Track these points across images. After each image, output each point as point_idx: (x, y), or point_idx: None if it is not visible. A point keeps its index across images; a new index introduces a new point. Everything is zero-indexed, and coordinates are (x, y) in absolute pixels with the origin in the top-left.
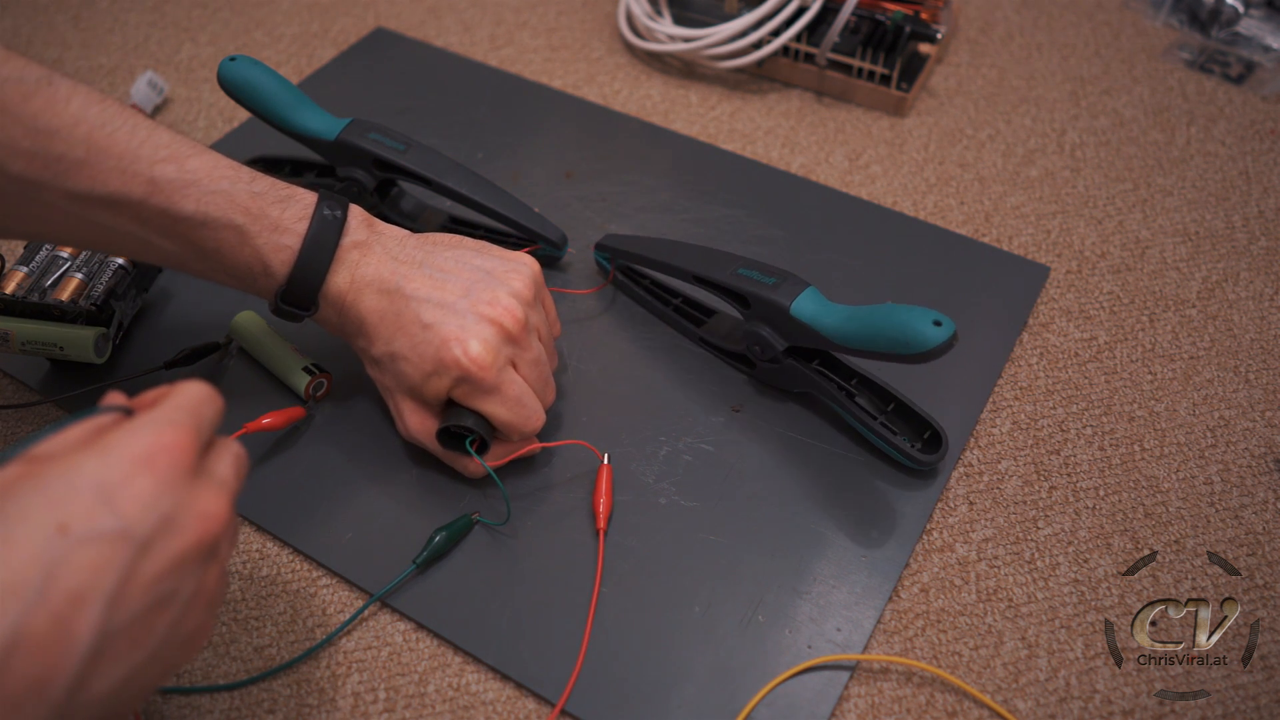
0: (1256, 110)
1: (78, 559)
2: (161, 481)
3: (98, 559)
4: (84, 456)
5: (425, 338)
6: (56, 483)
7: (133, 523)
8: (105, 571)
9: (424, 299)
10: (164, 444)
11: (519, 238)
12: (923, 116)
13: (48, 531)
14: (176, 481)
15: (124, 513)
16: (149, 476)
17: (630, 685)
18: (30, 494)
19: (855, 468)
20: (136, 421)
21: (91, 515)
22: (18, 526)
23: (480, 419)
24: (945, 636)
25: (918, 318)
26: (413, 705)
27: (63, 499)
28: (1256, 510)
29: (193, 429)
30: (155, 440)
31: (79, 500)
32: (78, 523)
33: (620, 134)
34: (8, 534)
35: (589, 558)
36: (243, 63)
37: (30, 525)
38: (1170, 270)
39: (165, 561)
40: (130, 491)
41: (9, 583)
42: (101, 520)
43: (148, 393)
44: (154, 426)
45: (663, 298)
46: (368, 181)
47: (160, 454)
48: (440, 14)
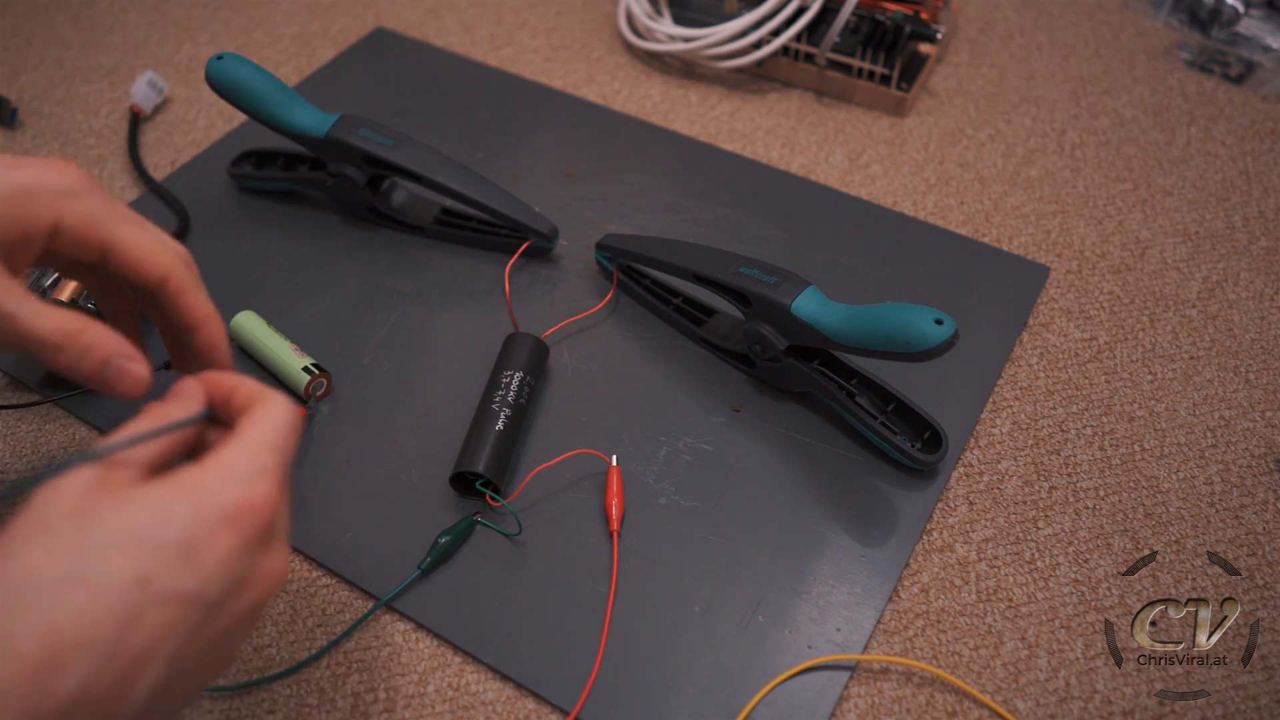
0: (1256, 110)
1: (152, 618)
2: (243, 543)
3: (170, 620)
4: (175, 502)
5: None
6: (144, 528)
7: (207, 585)
8: (173, 633)
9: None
10: (253, 501)
11: (509, 231)
12: (923, 116)
13: (128, 582)
14: (255, 542)
15: (202, 574)
16: (233, 537)
17: (630, 685)
18: (113, 531)
19: (855, 468)
20: (229, 466)
21: (174, 573)
22: (97, 566)
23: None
24: (945, 636)
25: (919, 316)
26: (413, 705)
27: (148, 549)
28: (1256, 510)
29: (280, 478)
30: (246, 497)
31: (164, 554)
32: (159, 579)
33: (620, 134)
34: (87, 573)
35: (595, 559)
36: (230, 61)
37: (113, 570)
38: (1170, 270)
39: (227, 622)
40: (213, 551)
41: (84, 635)
42: (182, 580)
43: (227, 380)
44: (246, 479)
45: (663, 297)
46: (358, 177)
47: (247, 513)
48: (440, 14)
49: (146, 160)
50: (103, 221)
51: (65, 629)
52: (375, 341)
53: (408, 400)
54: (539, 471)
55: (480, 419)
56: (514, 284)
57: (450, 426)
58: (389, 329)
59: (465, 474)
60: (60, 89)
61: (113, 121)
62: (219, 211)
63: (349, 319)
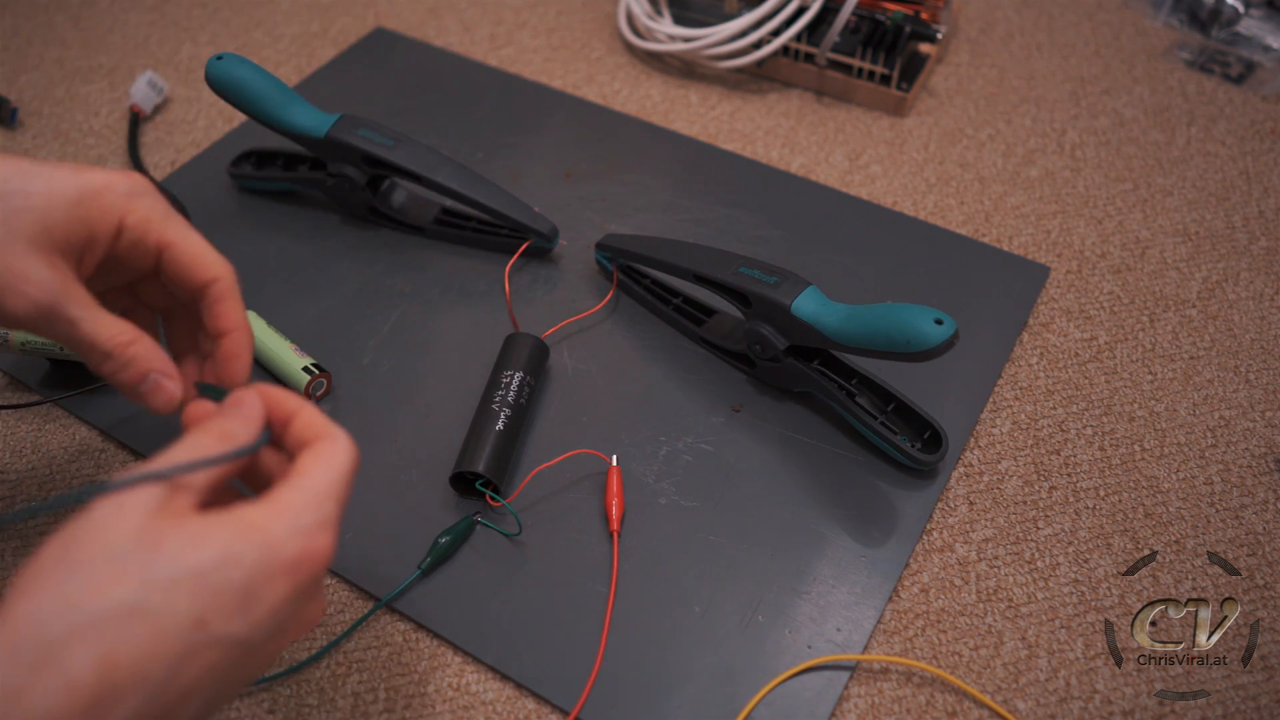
0: (1256, 110)
1: (201, 658)
2: (295, 593)
3: (218, 662)
4: (243, 545)
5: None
6: (212, 572)
7: (256, 631)
8: (217, 673)
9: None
10: (313, 553)
11: (509, 231)
12: (923, 116)
13: (188, 622)
14: (306, 592)
15: (254, 621)
16: (288, 587)
17: (630, 685)
18: (180, 566)
19: (855, 468)
20: (297, 512)
21: (229, 618)
22: (163, 602)
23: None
24: (945, 636)
25: (919, 316)
26: (413, 705)
27: (212, 591)
28: (1256, 510)
29: (337, 527)
30: (308, 548)
31: (226, 599)
32: (215, 623)
33: (620, 134)
34: (150, 607)
35: (594, 559)
36: (230, 61)
37: (173, 607)
38: (1170, 270)
39: (261, 660)
40: (268, 600)
41: (141, 672)
42: (235, 625)
43: (288, 402)
44: (310, 532)
45: (663, 297)
46: (358, 178)
47: (305, 564)
48: (440, 14)
49: (146, 160)
50: (162, 220)
51: (124, 664)
52: (375, 341)
53: (408, 400)
54: (539, 471)
55: (480, 419)
56: (514, 284)
57: (450, 426)
58: (389, 329)
59: (465, 474)
60: (60, 89)
61: (113, 121)
62: (219, 211)
63: (349, 319)
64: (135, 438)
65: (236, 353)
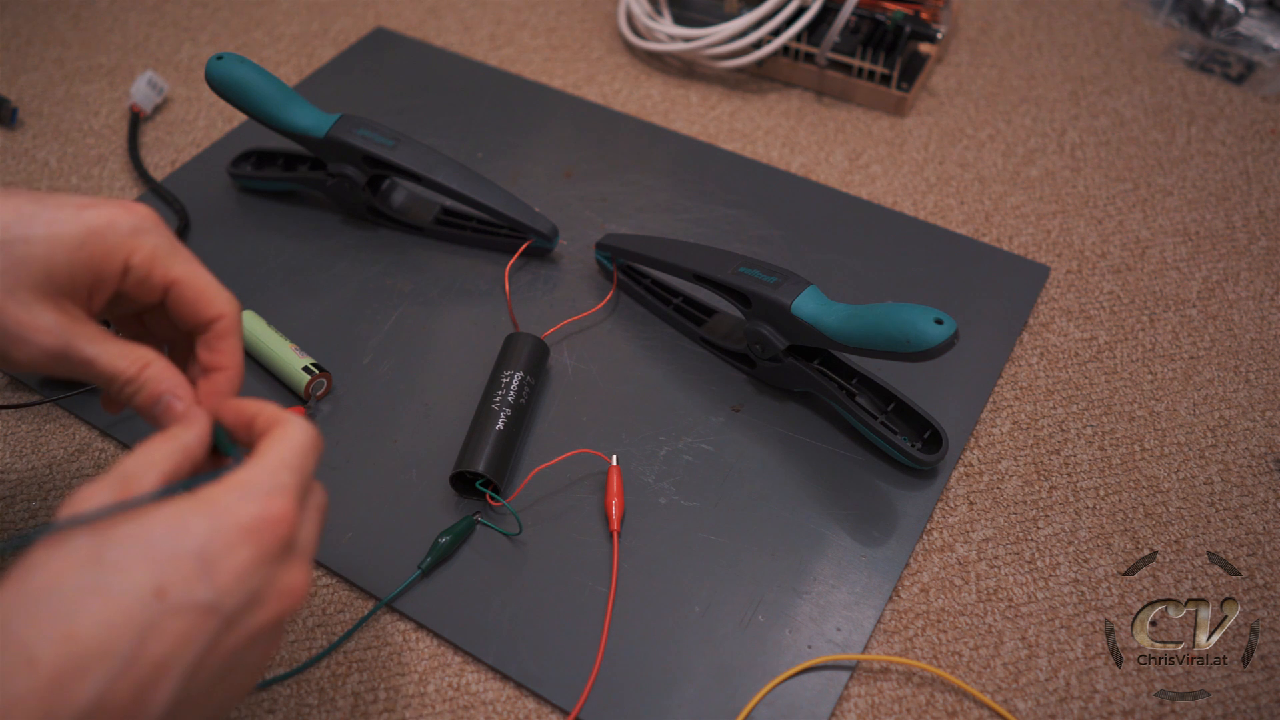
0: (1256, 110)
1: (168, 627)
2: (260, 556)
3: (186, 630)
4: (192, 516)
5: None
6: (161, 541)
7: (224, 596)
8: (190, 643)
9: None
10: (270, 516)
11: (509, 231)
12: (923, 116)
13: (145, 592)
14: (272, 556)
15: (219, 585)
16: (250, 549)
17: (630, 685)
18: (131, 544)
19: (855, 467)
20: (246, 483)
21: (190, 584)
22: (115, 578)
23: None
24: (945, 636)
25: (919, 316)
26: (413, 705)
27: (165, 560)
28: (1256, 510)
29: (298, 495)
30: (263, 511)
31: (181, 565)
32: (175, 590)
33: (620, 134)
34: (105, 584)
35: (594, 559)
36: (230, 61)
37: (129, 581)
38: (1170, 270)
39: (245, 636)
40: (229, 563)
41: (102, 643)
42: (198, 591)
43: (248, 406)
44: (264, 494)
45: (663, 297)
46: (358, 177)
47: (265, 527)
48: (440, 14)
49: (146, 160)
50: (167, 257)
51: (83, 637)
52: (375, 341)
53: (408, 400)
54: (539, 471)
55: (480, 419)
56: (514, 284)
57: (450, 426)
58: (389, 329)
59: (465, 474)
60: (60, 89)
61: (113, 121)
62: (219, 211)
63: (349, 319)
64: (135, 437)
65: (224, 391)
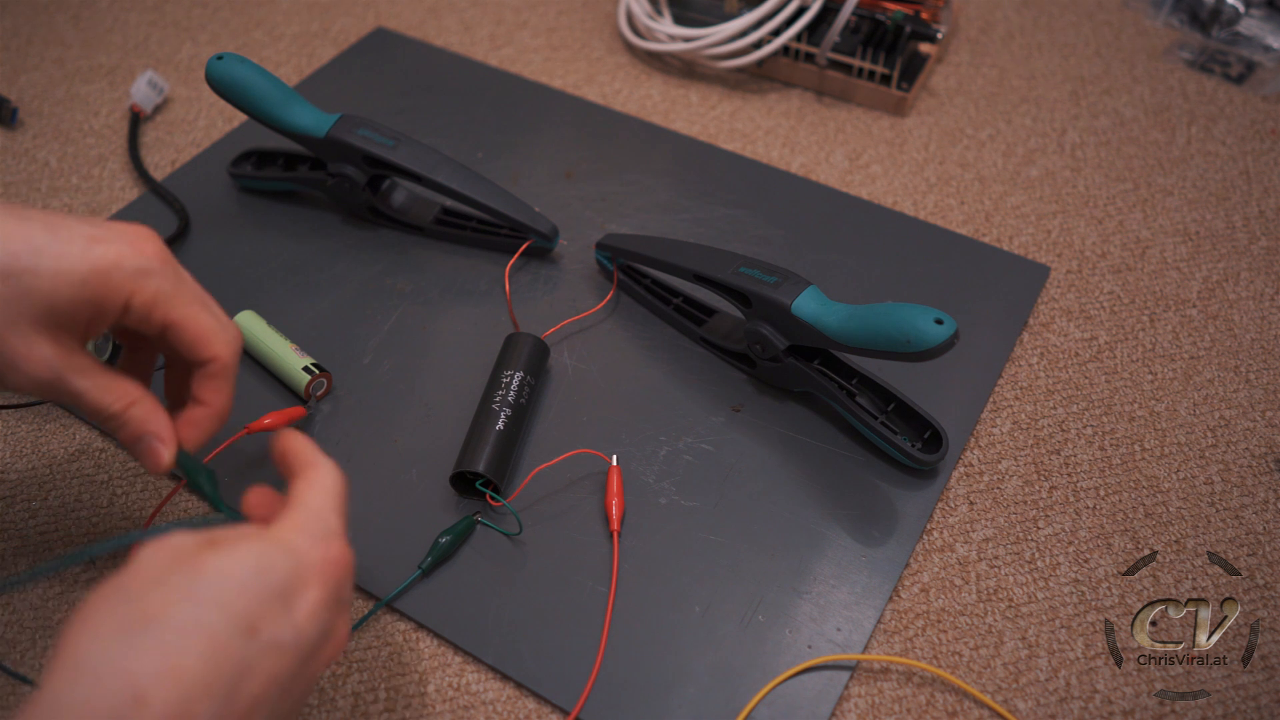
0: (1257, 110)
1: (261, 666)
2: (329, 597)
3: (275, 669)
4: (275, 554)
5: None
6: (250, 577)
7: (302, 636)
8: (277, 681)
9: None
10: (334, 558)
11: (509, 231)
12: (923, 116)
13: (241, 630)
14: (335, 598)
15: (299, 625)
16: (320, 590)
17: (630, 685)
18: (225, 581)
19: (855, 468)
20: (308, 525)
21: (277, 622)
22: (214, 614)
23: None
24: (945, 636)
25: (919, 316)
26: (413, 705)
27: (255, 597)
28: (1256, 510)
29: (345, 538)
30: (327, 553)
31: (269, 604)
32: (266, 628)
33: (620, 134)
34: (206, 620)
35: (594, 559)
36: (230, 61)
37: (225, 618)
38: (1170, 270)
39: (315, 673)
40: (306, 602)
41: (207, 681)
42: (284, 629)
43: (295, 450)
44: (325, 537)
45: (663, 297)
46: (358, 177)
47: (331, 567)
48: (440, 14)
49: (146, 160)
50: (170, 300)
51: (190, 674)
52: (375, 341)
53: (408, 400)
54: (539, 471)
55: (480, 419)
56: (514, 284)
57: (450, 426)
58: (389, 329)
59: (465, 474)
60: (60, 89)
61: (113, 121)
62: (219, 211)
63: (349, 319)
64: None
65: (203, 425)
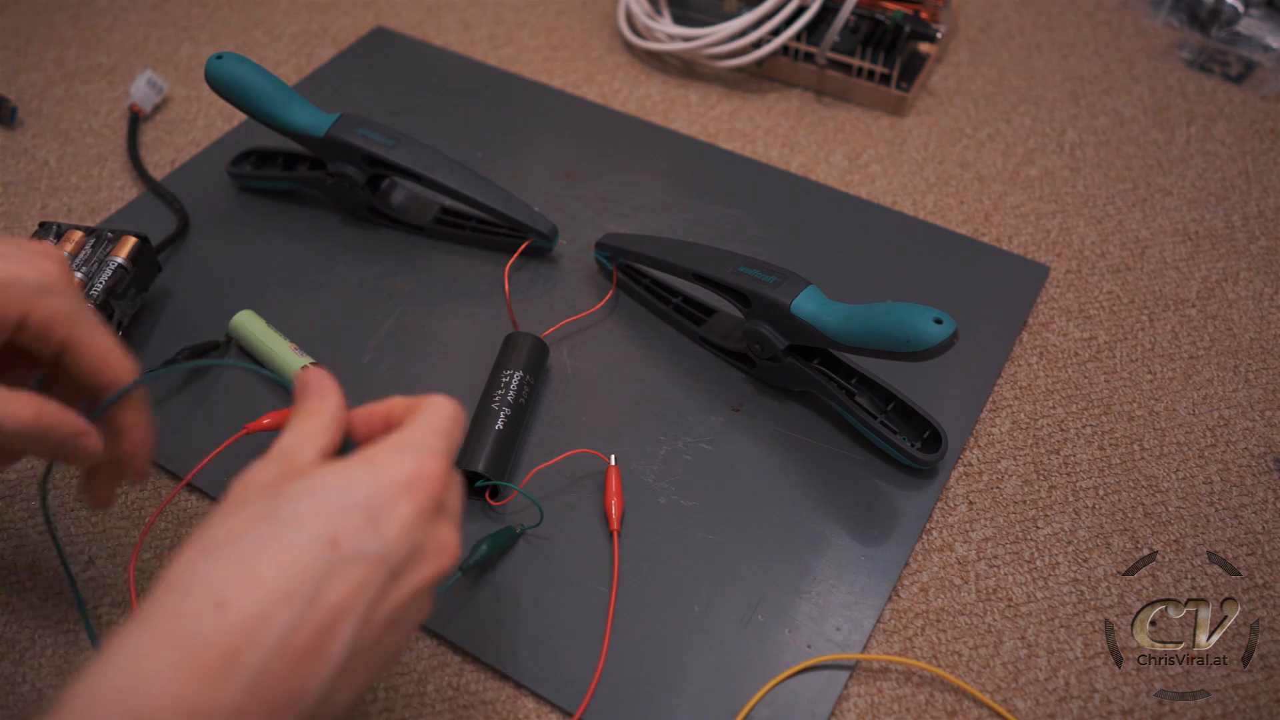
0: (1256, 110)
1: (344, 575)
2: (419, 511)
3: (360, 578)
4: (355, 472)
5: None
6: (330, 493)
7: (391, 548)
8: (364, 591)
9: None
10: (425, 473)
11: (509, 230)
12: (922, 116)
13: (321, 542)
14: (429, 512)
15: (386, 536)
16: (410, 504)
17: (630, 684)
18: (303, 498)
19: (855, 467)
20: (401, 444)
21: (360, 534)
22: (291, 530)
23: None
24: (945, 636)
25: (919, 315)
26: (412, 705)
27: (335, 512)
28: (1256, 510)
29: (448, 458)
30: (418, 468)
31: (351, 517)
32: (348, 540)
33: (620, 133)
34: (283, 535)
35: (595, 559)
36: (230, 60)
37: (304, 533)
38: (1170, 270)
39: (409, 589)
40: (393, 516)
41: (284, 589)
42: (368, 541)
43: (376, 412)
44: (417, 453)
45: (663, 296)
46: (358, 177)
47: (421, 483)
48: (440, 13)
49: (146, 159)
50: (69, 320)
51: (268, 580)
52: (375, 341)
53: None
54: (538, 471)
55: (480, 418)
56: (514, 283)
57: None
58: (389, 328)
59: (465, 473)
60: (60, 88)
61: (112, 121)
62: (219, 211)
63: (349, 318)
64: None
65: (136, 454)
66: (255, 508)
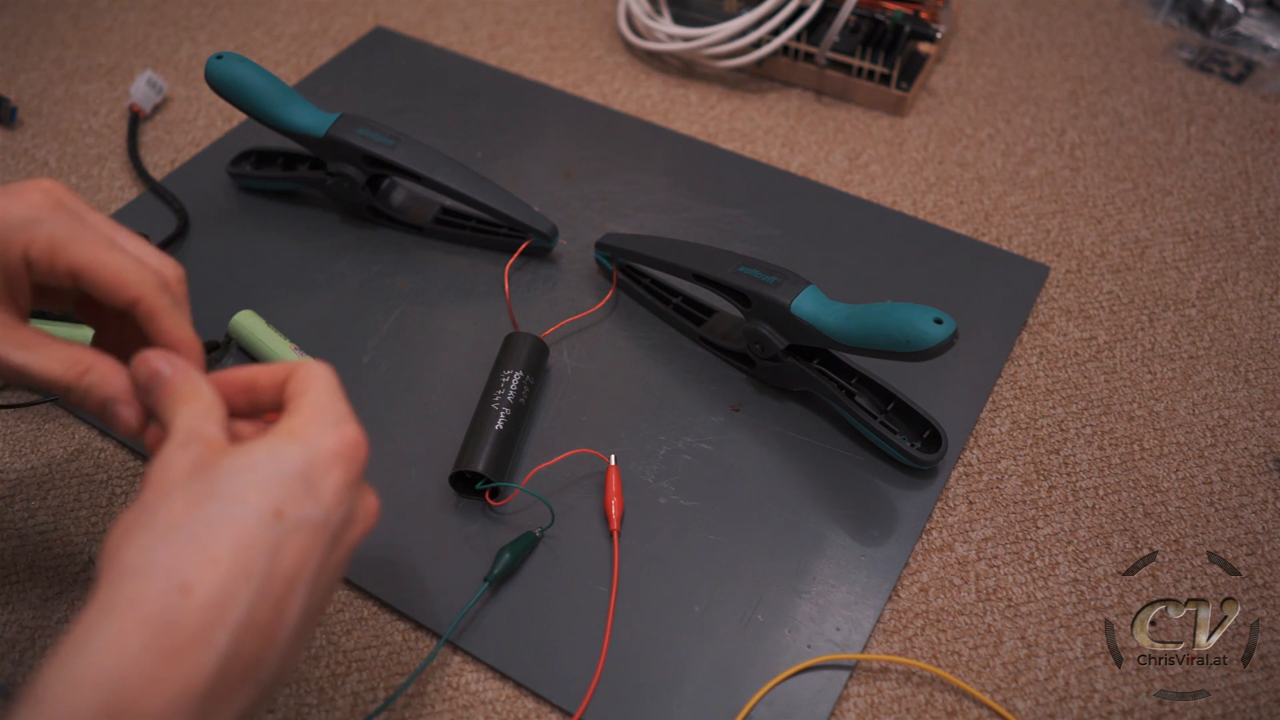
0: (1256, 110)
1: (292, 544)
2: (350, 477)
3: (306, 545)
4: (287, 445)
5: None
6: (266, 466)
7: (330, 513)
8: (310, 557)
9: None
10: (352, 440)
11: (509, 230)
12: (922, 116)
13: (267, 515)
14: (356, 477)
15: (325, 503)
16: (343, 471)
17: (630, 684)
18: (240, 473)
19: (855, 467)
20: (319, 414)
21: (301, 504)
22: (236, 506)
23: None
24: (945, 636)
25: (918, 315)
26: (412, 705)
27: (275, 485)
28: (1256, 510)
29: (357, 421)
30: (346, 437)
31: (290, 487)
32: (291, 510)
33: (620, 133)
34: (230, 513)
35: (594, 559)
36: (230, 60)
37: (249, 508)
38: (1170, 270)
39: (345, 551)
40: (329, 483)
41: (241, 565)
42: (309, 509)
43: (262, 369)
44: (338, 422)
45: (663, 296)
46: (358, 177)
47: (348, 449)
48: (440, 13)
49: (146, 159)
50: (67, 245)
51: (226, 559)
52: (375, 340)
53: (407, 399)
54: (538, 471)
55: (480, 418)
56: (514, 283)
57: (450, 426)
58: (389, 328)
59: (465, 473)
60: (60, 88)
61: (112, 121)
62: (219, 211)
63: (349, 318)
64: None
65: (190, 363)
66: (193, 488)
